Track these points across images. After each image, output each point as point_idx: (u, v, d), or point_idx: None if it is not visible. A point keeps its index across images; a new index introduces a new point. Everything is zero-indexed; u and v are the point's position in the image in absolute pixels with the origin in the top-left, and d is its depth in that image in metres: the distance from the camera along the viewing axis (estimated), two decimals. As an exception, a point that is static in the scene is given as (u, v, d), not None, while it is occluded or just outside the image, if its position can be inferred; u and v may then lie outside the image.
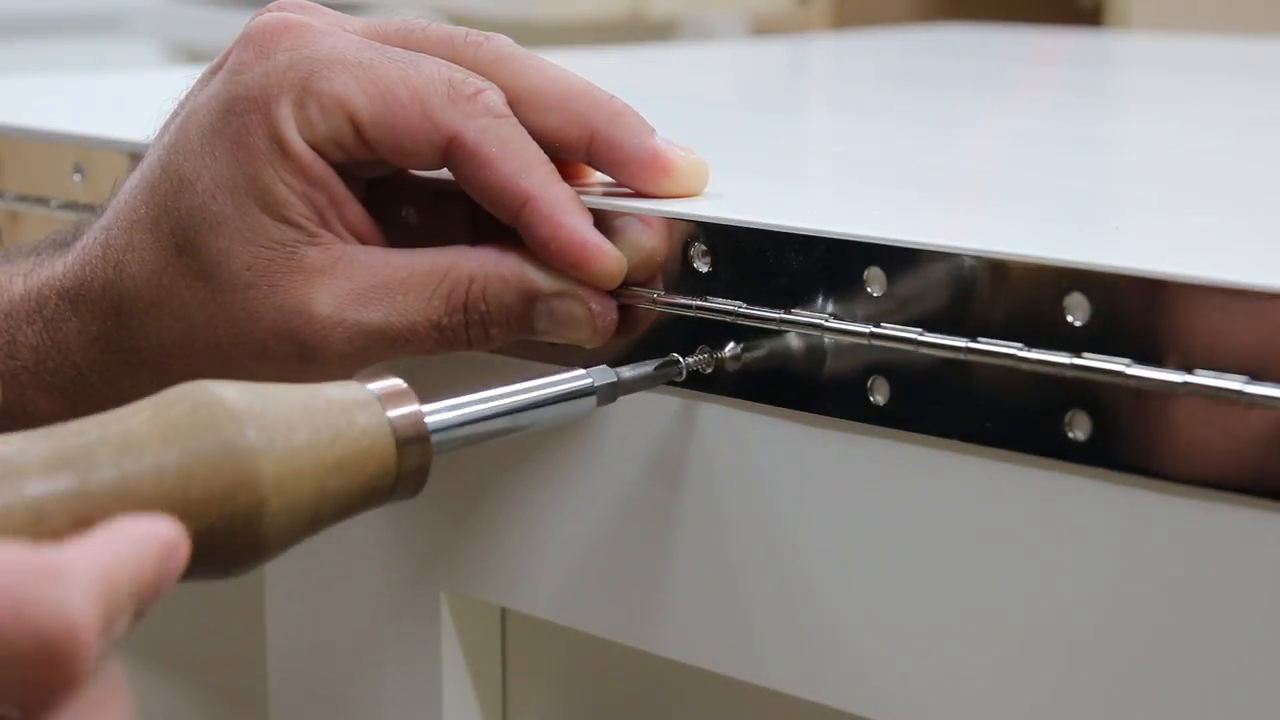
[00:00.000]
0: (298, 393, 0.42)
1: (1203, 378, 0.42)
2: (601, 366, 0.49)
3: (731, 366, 0.51)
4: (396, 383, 0.44)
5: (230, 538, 0.40)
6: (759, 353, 0.50)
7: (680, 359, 0.51)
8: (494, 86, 0.52)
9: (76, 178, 0.72)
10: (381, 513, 0.60)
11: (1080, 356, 0.44)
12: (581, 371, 0.49)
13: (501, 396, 0.47)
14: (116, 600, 0.36)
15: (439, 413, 0.44)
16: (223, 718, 0.75)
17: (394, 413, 0.43)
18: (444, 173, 0.53)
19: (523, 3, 1.95)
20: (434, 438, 0.44)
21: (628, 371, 0.50)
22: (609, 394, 0.49)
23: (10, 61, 2.64)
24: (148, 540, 0.37)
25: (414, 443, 0.43)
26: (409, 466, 0.43)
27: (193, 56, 2.13)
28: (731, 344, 0.51)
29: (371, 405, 0.43)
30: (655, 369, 0.51)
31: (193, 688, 0.76)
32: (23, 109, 0.80)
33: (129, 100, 0.58)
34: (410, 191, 0.56)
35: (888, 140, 0.77)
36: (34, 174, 0.75)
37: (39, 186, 0.74)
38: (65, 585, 0.34)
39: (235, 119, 0.52)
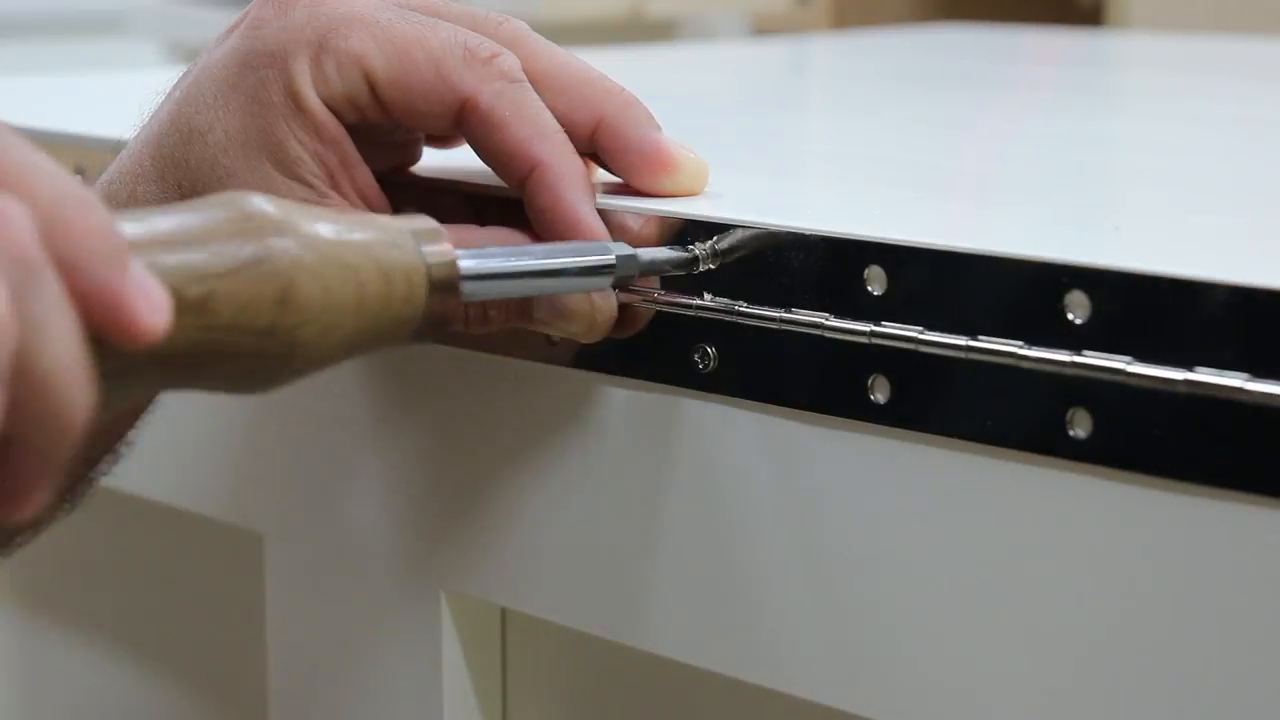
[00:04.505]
0: (334, 214, 0.43)
1: (1203, 375, 0.42)
2: (622, 243, 0.50)
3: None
4: (431, 221, 0.44)
5: (264, 348, 0.41)
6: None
7: (696, 251, 0.51)
8: (510, 52, 0.52)
9: (76, 178, 0.72)
10: (382, 512, 0.61)
11: (1081, 355, 0.44)
12: (606, 244, 0.49)
13: (529, 255, 0.47)
14: None
15: (469, 258, 0.45)
16: (223, 718, 0.75)
17: (428, 248, 0.44)
18: (444, 171, 0.53)
19: (523, 3, 1.95)
20: (464, 285, 0.45)
21: (646, 255, 0.50)
22: (629, 271, 0.49)
23: (10, 61, 2.63)
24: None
25: (444, 283, 0.44)
26: (436, 304, 0.44)
27: (193, 56, 2.12)
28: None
29: (406, 237, 0.44)
30: (671, 253, 0.51)
31: (193, 688, 0.76)
32: (23, 109, 0.80)
33: (129, 100, 0.57)
34: (410, 191, 0.56)
35: (888, 140, 0.77)
36: (34, 174, 0.75)
37: (39, 186, 0.74)
38: None
39: (252, 73, 0.52)
